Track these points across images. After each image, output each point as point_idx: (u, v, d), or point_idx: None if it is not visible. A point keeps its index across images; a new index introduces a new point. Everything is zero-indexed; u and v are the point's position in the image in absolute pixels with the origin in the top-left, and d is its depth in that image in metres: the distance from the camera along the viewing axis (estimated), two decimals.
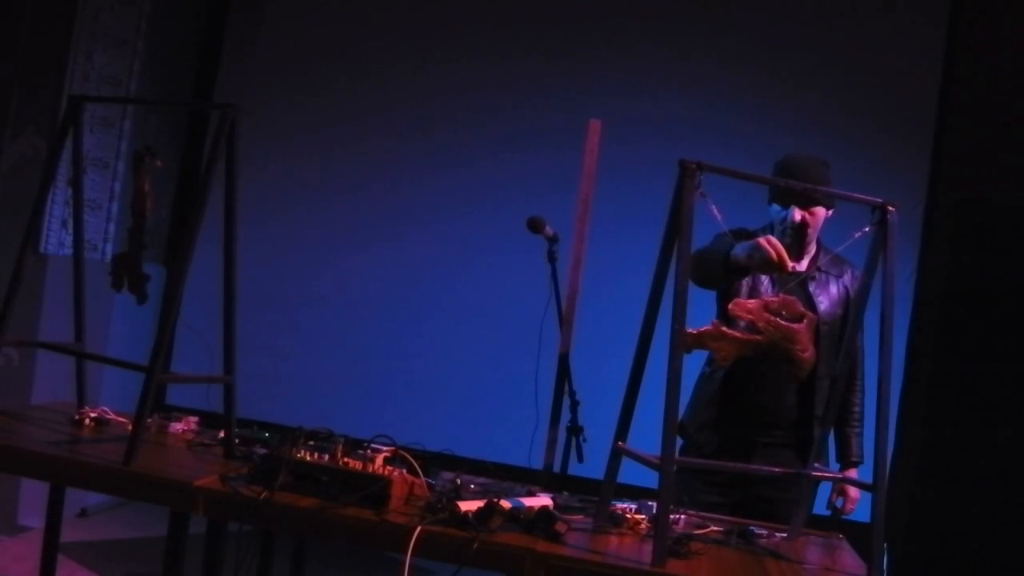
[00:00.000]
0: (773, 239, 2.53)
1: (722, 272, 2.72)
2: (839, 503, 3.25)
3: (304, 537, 3.05)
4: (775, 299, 2.38)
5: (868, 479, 2.41)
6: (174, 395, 4.96)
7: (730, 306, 2.35)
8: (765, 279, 3.03)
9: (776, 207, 3.06)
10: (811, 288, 3.08)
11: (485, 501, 2.20)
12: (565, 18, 5.48)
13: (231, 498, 2.24)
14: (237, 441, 2.68)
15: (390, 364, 5.43)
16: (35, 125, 4.72)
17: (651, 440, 2.18)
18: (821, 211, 3.04)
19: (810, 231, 3.05)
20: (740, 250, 2.61)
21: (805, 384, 2.98)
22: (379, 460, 2.31)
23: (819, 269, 3.11)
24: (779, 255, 2.48)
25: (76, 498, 4.75)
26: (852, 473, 3.18)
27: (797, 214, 3.01)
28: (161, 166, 2.79)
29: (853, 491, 3.22)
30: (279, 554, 3.05)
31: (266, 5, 5.80)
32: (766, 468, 2.87)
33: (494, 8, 5.58)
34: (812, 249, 3.13)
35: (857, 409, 3.22)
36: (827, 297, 3.09)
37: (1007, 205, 5.15)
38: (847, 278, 3.13)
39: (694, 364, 2.88)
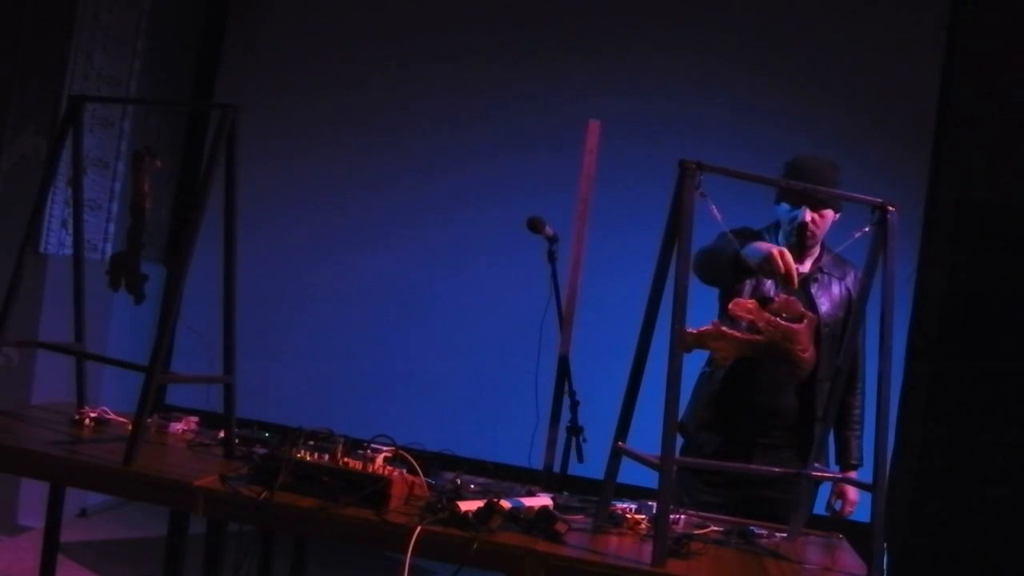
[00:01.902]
0: (786, 253, 2.52)
1: (731, 270, 2.71)
2: (838, 506, 3.24)
3: (304, 537, 3.05)
4: (776, 299, 2.38)
5: (868, 479, 2.41)
6: (174, 395, 4.96)
7: (730, 306, 2.35)
8: (769, 280, 3.02)
9: (785, 206, 3.05)
10: (813, 289, 3.07)
11: (485, 501, 2.20)
12: (565, 18, 5.48)
13: (231, 498, 2.24)
14: (237, 441, 2.68)
15: (390, 364, 5.43)
16: (35, 125, 4.72)
17: (651, 440, 2.18)
18: (830, 213, 3.03)
19: (818, 232, 3.04)
20: (752, 254, 2.60)
21: (806, 385, 2.98)
22: (379, 460, 2.31)
23: (821, 270, 3.10)
24: (788, 270, 2.47)
25: (76, 498, 4.75)
26: (852, 476, 3.18)
27: (808, 215, 2.99)
28: (161, 166, 2.79)
29: (852, 494, 3.21)
30: (279, 554, 3.05)
31: (266, 5, 5.81)
32: (766, 468, 2.87)
33: (494, 8, 5.58)
34: (816, 251, 3.12)
35: (857, 411, 3.21)
36: (828, 299, 3.08)
37: (1007, 205, 5.16)
38: (849, 279, 3.11)
39: (694, 364, 2.88)
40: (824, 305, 3.06)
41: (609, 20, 5.43)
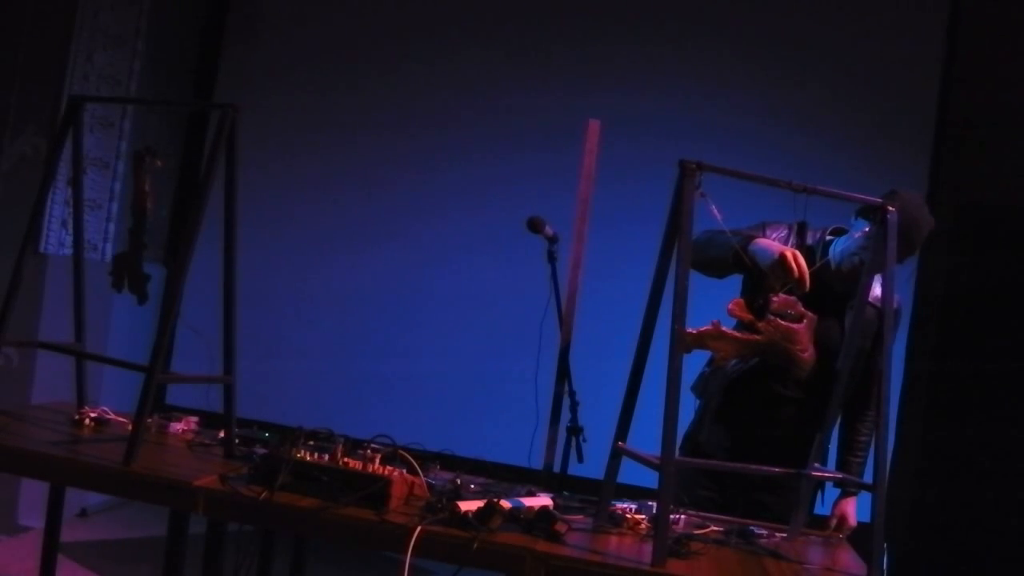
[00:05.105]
0: (799, 255, 2.47)
1: (732, 262, 2.68)
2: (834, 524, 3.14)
3: (304, 537, 3.05)
4: (776, 299, 2.37)
5: (868, 479, 2.41)
6: (174, 395, 4.96)
7: (729, 306, 2.34)
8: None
9: (864, 223, 2.83)
10: (847, 322, 2.90)
11: (485, 501, 2.20)
12: (565, 18, 5.48)
13: (231, 498, 2.24)
14: (237, 441, 2.68)
15: (390, 364, 5.43)
16: (35, 125, 4.72)
17: (651, 440, 2.18)
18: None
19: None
20: (761, 255, 2.56)
21: (811, 400, 2.94)
22: (378, 460, 2.32)
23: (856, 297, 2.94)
24: (802, 274, 2.44)
25: (76, 498, 4.75)
26: (849, 502, 3.10)
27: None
28: (161, 166, 2.79)
29: (852, 519, 3.10)
30: (279, 554, 3.05)
31: (266, 5, 5.81)
32: (766, 468, 2.85)
33: (494, 8, 5.58)
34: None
35: (863, 439, 3.12)
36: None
37: (1007, 205, 5.15)
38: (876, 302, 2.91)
39: (695, 364, 2.87)
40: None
41: (609, 20, 5.43)
